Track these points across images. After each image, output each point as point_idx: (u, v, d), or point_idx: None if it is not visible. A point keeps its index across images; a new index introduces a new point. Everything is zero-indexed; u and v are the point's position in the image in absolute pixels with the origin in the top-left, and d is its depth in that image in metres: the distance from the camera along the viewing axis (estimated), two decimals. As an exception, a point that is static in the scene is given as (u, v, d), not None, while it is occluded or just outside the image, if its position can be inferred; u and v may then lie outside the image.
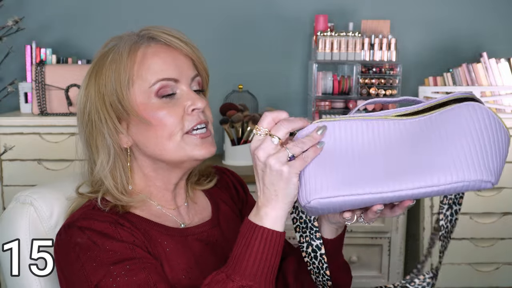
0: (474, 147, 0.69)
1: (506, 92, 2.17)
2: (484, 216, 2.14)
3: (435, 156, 0.70)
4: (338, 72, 2.34)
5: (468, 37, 2.46)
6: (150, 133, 0.89)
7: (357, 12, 2.43)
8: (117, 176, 0.91)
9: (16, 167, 2.09)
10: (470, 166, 0.68)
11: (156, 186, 0.95)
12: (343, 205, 0.72)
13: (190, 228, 0.95)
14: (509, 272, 2.19)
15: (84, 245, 0.81)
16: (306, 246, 0.86)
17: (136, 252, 0.82)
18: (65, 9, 2.40)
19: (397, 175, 0.70)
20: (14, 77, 2.29)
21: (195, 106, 0.89)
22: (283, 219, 0.76)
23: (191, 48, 0.93)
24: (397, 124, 0.75)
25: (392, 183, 0.70)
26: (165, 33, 0.91)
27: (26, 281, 0.93)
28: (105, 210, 0.88)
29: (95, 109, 0.90)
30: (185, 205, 0.99)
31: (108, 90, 0.89)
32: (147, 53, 0.89)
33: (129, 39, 0.91)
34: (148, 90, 0.88)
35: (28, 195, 0.96)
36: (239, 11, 2.43)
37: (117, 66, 0.88)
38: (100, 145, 0.91)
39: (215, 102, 2.35)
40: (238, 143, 2.23)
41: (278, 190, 0.73)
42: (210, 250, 0.94)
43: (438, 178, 0.68)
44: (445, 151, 0.70)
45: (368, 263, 2.17)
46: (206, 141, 0.91)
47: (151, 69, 0.88)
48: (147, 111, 0.88)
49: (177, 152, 0.89)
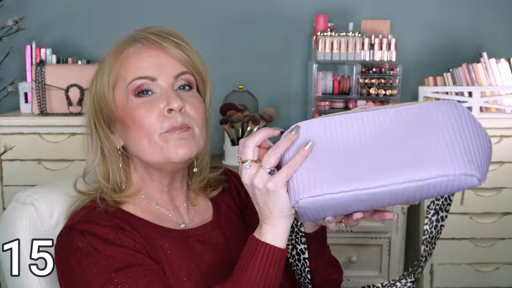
0: (457, 141, 0.70)
1: (506, 92, 2.17)
2: (484, 216, 2.14)
3: (419, 150, 0.70)
4: (338, 72, 2.34)
5: (468, 37, 2.46)
6: (130, 133, 0.89)
7: (357, 12, 2.43)
8: (110, 175, 0.92)
9: (16, 167, 2.09)
10: (454, 161, 0.68)
11: (152, 187, 0.95)
12: (331, 204, 0.72)
13: (191, 230, 0.94)
14: (509, 272, 2.19)
15: (85, 250, 0.81)
16: (291, 249, 0.89)
17: (137, 258, 0.82)
18: (65, 9, 2.40)
19: (382, 170, 0.70)
20: (14, 77, 2.29)
21: (170, 106, 0.86)
22: (284, 235, 0.78)
23: (180, 48, 0.90)
24: (381, 115, 0.75)
25: (377, 179, 0.70)
26: (155, 33, 0.90)
27: (26, 281, 0.93)
28: (104, 209, 0.88)
29: (88, 109, 0.93)
30: (184, 206, 0.98)
31: (98, 92, 0.90)
32: (129, 53, 0.89)
33: (120, 41, 0.92)
34: (125, 89, 0.88)
35: (29, 195, 0.96)
36: (239, 11, 2.43)
37: (105, 68, 0.90)
38: (90, 143, 0.93)
39: (215, 102, 2.33)
40: (238, 143, 2.23)
41: (271, 207, 0.76)
42: (212, 252, 0.94)
43: (424, 172, 0.68)
44: (430, 143, 0.70)
45: (368, 263, 2.17)
46: (182, 142, 0.86)
47: (130, 68, 0.88)
48: (125, 111, 0.88)
49: (153, 153, 0.87)
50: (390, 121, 0.75)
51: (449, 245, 2.11)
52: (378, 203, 0.72)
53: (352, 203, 0.72)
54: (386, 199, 0.71)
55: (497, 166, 2.10)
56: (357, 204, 0.72)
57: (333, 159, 0.73)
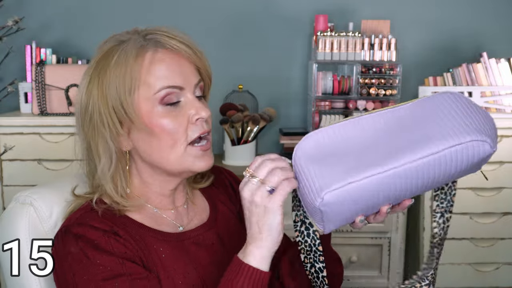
0: (462, 116, 0.73)
1: (506, 92, 2.17)
2: (484, 216, 2.14)
3: (427, 130, 0.73)
4: (338, 72, 2.34)
5: (468, 37, 2.46)
6: (152, 141, 0.88)
7: (357, 12, 2.43)
8: (117, 180, 0.91)
9: (16, 167, 2.09)
10: (463, 131, 0.71)
11: (154, 191, 0.94)
12: (354, 195, 0.73)
13: (186, 233, 0.94)
14: (509, 272, 2.19)
15: (76, 255, 0.82)
16: (310, 267, 0.89)
17: (126, 267, 0.82)
18: (65, 9, 2.40)
19: (396, 153, 0.72)
20: (14, 77, 2.29)
21: (199, 115, 0.88)
22: (267, 258, 0.79)
23: (196, 53, 0.91)
24: (384, 115, 0.79)
25: (394, 160, 0.72)
26: (172, 37, 0.89)
27: (26, 281, 0.92)
28: (99, 210, 0.87)
29: (97, 111, 0.87)
30: (184, 207, 0.98)
31: (111, 94, 0.86)
32: (154, 58, 0.87)
33: (136, 42, 0.88)
34: (152, 97, 0.86)
35: (28, 195, 0.96)
36: (240, 11, 2.43)
37: (122, 69, 0.86)
38: (102, 149, 0.88)
39: (215, 102, 2.35)
40: (238, 143, 2.23)
41: (261, 226, 0.77)
42: (207, 253, 0.94)
43: (437, 146, 0.71)
44: (435, 124, 0.73)
45: (368, 263, 2.17)
46: (206, 154, 0.91)
47: (157, 75, 0.86)
48: (151, 118, 0.87)
49: (178, 162, 0.88)
50: (393, 117, 0.78)
51: (449, 245, 2.11)
52: (402, 187, 0.74)
53: (376, 191, 0.73)
54: (408, 180, 0.73)
55: (497, 166, 2.10)
56: (381, 192, 0.73)
57: (348, 155, 0.75)
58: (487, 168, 2.09)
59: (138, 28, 0.93)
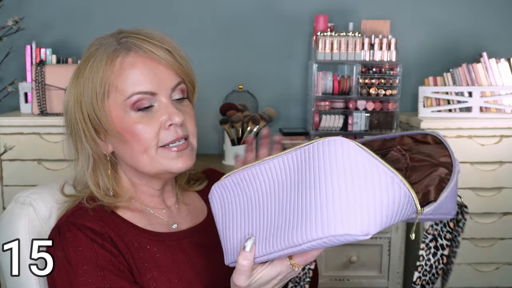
0: (339, 195, 0.64)
1: (506, 92, 2.17)
2: (484, 216, 2.14)
3: (300, 212, 0.66)
4: (338, 72, 2.34)
5: (468, 37, 2.46)
6: (125, 146, 0.87)
7: (357, 12, 2.43)
8: (99, 180, 0.91)
9: (16, 167, 2.09)
10: (332, 220, 0.64)
11: (142, 191, 0.95)
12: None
13: (181, 232, 0.94)
14: (509, 272, 2.19)
15: (61, 260, 0.83)
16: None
17: (106, 280, 0.81)
18: (65, 9, 2.40)
19: (271, 236, 0.69)
20: (14, 77, 2.29)
21: (171, 121, 0.86)
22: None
23: (175, 57, 0.88)
24: (280, 162, 0.69)
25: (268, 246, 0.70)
26: (146, 40, 0.87)
27: (26, 281, 0.93)
28: (89, 207, 0.88)
29: (74, 117, 0.89)
30: (175, 206, 0.99)
31: (85, 100, 0.87)
32: (125, 63, 0.85)
33: (109, 46, 0.87)
34: (123, 103, 0.85)
35: (27, 195, 0.97)
36: (239, 11, 2.43)
37: (95, 75, 0.85)
38: (80, 150, 0.91)
39: (215, 102, 2.36)
40: (238, 143, 2.23)
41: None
42: (202, 253, 0.94)
43: (299, 238, 0.66)
44: (310, 206, 0.65)
45: (368, 263, 2.17)
46: (183, 154, 0.88)
47: (128, 81, 0.85)
48: (122, 124, 0.86)
49: (151, 165, 0.88)
50: (286, 168, 0.69)
51: (449, 245, 2.11)
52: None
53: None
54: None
55: (497, 166, 2.10)
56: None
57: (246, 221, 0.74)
58: (487, 168, 2.10)
59: (123, 29, 0.91)
